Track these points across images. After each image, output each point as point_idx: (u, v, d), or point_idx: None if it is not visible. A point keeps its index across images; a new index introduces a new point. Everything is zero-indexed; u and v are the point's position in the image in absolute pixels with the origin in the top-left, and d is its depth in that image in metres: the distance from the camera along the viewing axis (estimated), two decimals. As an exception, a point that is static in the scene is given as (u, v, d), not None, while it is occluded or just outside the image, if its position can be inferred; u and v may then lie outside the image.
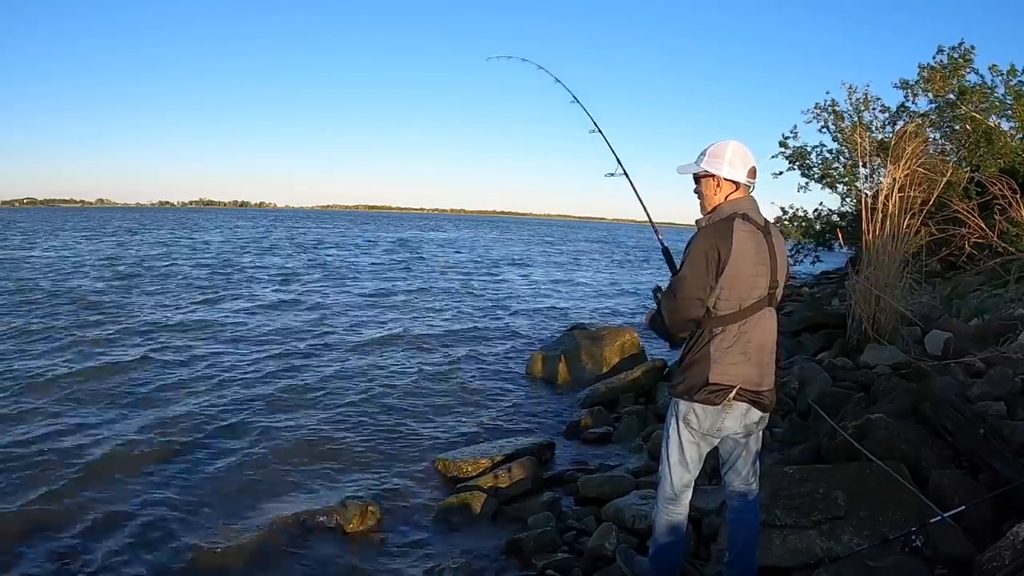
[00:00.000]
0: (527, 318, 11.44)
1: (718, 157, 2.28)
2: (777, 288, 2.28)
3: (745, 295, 2.20)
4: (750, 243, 2.19)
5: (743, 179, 2.27)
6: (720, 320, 2.21)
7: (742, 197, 2.28)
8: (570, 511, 3.81)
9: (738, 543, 2.45)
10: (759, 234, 2.23)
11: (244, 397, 5.99)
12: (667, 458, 2.41)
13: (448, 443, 5.06)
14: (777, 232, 2.34)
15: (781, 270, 2.30)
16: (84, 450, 4.58)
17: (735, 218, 2.20)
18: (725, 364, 2.20)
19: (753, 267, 2.19)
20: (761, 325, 2.25)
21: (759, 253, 2.21)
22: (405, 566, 3.33)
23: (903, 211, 5.81)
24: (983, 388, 3.93)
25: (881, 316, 5.69)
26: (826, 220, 13.62)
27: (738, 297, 2.19)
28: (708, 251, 2.17)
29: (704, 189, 2.33)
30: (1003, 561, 2.18)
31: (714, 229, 2.20)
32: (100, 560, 3.27)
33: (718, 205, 2.28)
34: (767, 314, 2.27)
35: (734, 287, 2.17)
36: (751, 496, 2.44)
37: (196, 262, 18.97)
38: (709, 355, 2.21)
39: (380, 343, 8.66)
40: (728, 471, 2.45)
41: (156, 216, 77.16)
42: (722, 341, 2.21)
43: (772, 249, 2.26)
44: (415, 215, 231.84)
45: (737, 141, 2.32)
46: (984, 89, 11.00)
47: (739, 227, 2.18)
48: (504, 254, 28.98)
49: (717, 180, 2.28)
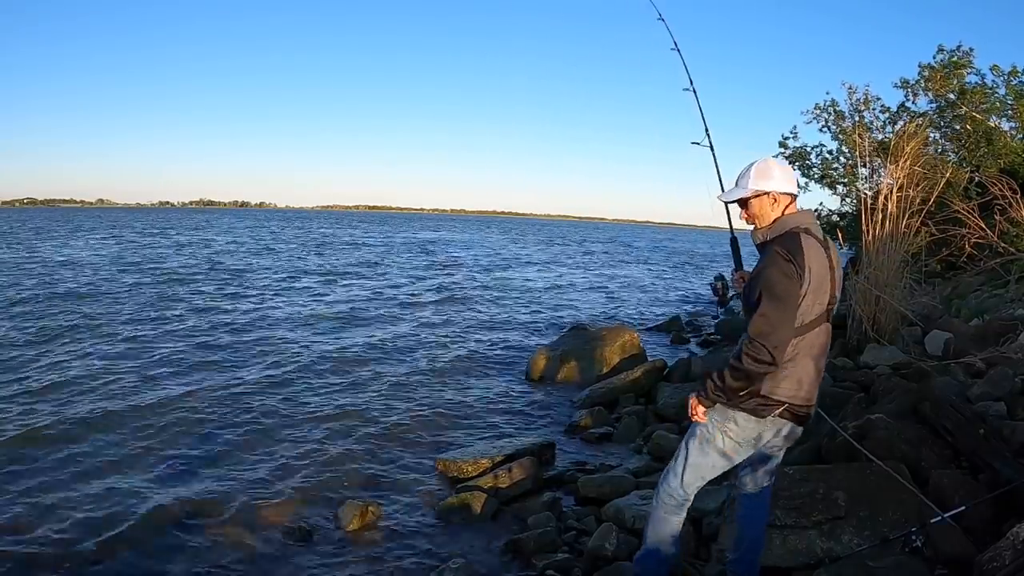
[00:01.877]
0: (528, 318, 11.45)
1: (765, 175, 2.24)
2: (835, 304, 2.24)
3: (808, 311, 2.13)
4: (818, 260, 2.14)
5: (795, 190, 2.26)
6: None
7: (801, 211, 2.26)
8: (570, 511, 3.82)
9: (745, 540, 2.44)
10: (823, 249, 2.18)
11: (244, 397, 5.99)
12: (685, 455, 2.31)
13: (448, 443, 5.06)
14: (833, 245, 2.30)
15: (838, 285, 2.25)
16: (83, 449, 4.59)
17: (800, 234, 2.14)
18: (778, 379, 2.14)
19: (819, 283, 2.13)
20: (818, 341, 2.20)
21: (825, 269, 2.17)
22: (405, 566, 3.33)
23: (903, 211, 5.81)
24: (983, 388, 3.93)
25: (881, 316, 5.69)
26: (826, 220, 13.60)
27: (801, 314, 2.12)
28: (790, 282, 2.07)
29: (758, 209, 2.26)
30: (1003, 561, 2.17)
31: (784, 250, 2.10)
32: (99, 559, 3.27)
33: (778, 219, 2.23)
34: (824, 330, 2.21)
35: (803, 304, 2.11)
36: (764, 495, 2.42)
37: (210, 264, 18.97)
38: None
39: (380, 343, 8.66)
40: (746, 475, 2.41)
41: (167, 217, 77.13)
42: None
43: (832, 263, 2.21)
44: (415, 215, 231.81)
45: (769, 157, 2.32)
46: (984, 89, 11.00)
47: (807, 243, 2.13)
48: (505, 254, 28.97)
49: (773, 196, 2.23)
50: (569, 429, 5.46)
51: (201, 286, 13.60)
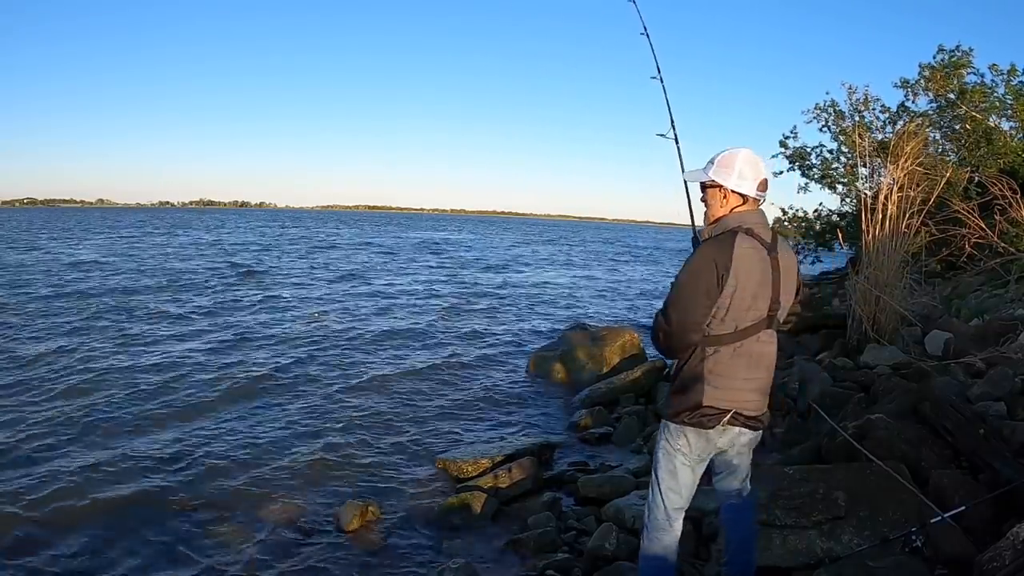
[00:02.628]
0: (528, 318, 11.45)
1: (727, 167, 2.14)
2: (779, 309, 2.15)
3: (742, 316, 2.06)
4: (752, 261, 2.05)
5: (752, 192, 2.13)
6: (715, 340, 2.08)
7: (749, 210, 2.14)
8: (570, 511, 3.82)
9: (734, 541, 2.42)
10: (763, 251, 2.09)
11: (243, 397, 5.99)
12: (658, 485, 2.25)
13: (448, 443, 5.06)
14: (786, 248, 2.20)
15: (786, 289, 2.16)
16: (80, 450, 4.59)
17: (738, 233, 2.06)
18: (719, 387, 2.08)
19: (754, 287, 2.06)
20: (759, 347, 2.12)
21: (762, 272, 2.08)
22: (405, 566, 3.34)
23: (903, 211, 5.81)
24: (983, 388, 3.93)
25: (881, 316, 5.69)
26: (826, 220, 13.59)
27: (734, 318, 2.06)
28: (705, 270, 2.03)
29: (710, 199, 2.19)
30: (1003, 561, 2.17)
31: (714, 244, 2.07)
32: (97, 558, 3.28)
33: (722, 217, 2.15)
34: (766, 336, 2.13)
35: (731, 307, 2.04)
36: (746, 494, 2.39)
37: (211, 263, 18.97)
38: (703, 377, 2.08)
39: (381, 343, 8.66)
40: (722, 480, 2.37)
41: (173, 216, 77.14)
42: (716, 363, 2.08)
43: (777, 267, 2.12)
44: (416, 215, 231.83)
45: (749, 150, 2.17)
46: (984, 89, 11.00)
47: (741, 243, 2.04)
48: (506, 254, 28.97)
49: (724, 191, 2.14)
50: (569, 429, 5.46)
51: (206, 282, 13.61)
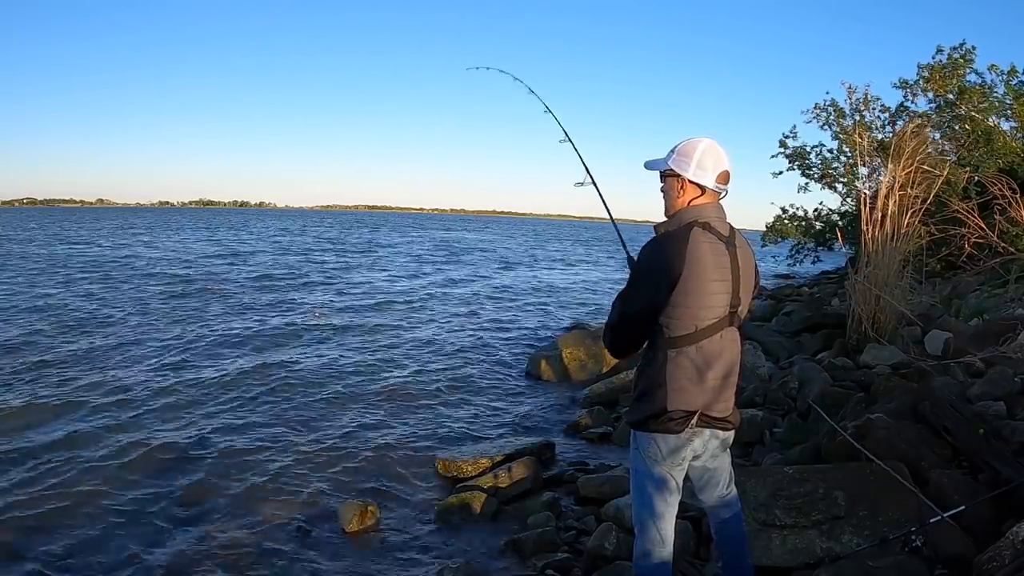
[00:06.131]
0: (529, 317, 11.44)
1: (686, 156, 2.05)
2: (740, 306, 2.07)
3: (701, 315, 1.97)
4: (708, 256, 1.96)
5: (710, 184, 2.03)
6: (674, 342, 1.99)
7: (707, 203, 2.05)
8: (570, 511, 3.82)
9: (727, 548, 2.34)
10: (720, 246, 2.00)
11: (243, 396, 5.98)
12: (640, 498, 2.13)
13: (448, 443, 5.06)
14: (744, 243, 2.11)
15: (746, 285, 2.08)
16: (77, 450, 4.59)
17: (694, 227, 1.98)
18: (682, 390, 2.00)
19: (710, 283, 1.97)
20: (720, 347, 2.03)
21: (719, 268, 1.99)
22: (405, 566, 3.33)
23: (903, 211, 5.82)
24: (983, 388, 3.93)
25: (881, 316, 5.69)
26: (826, 220, 13.63)
27: (693, 317, 1.97)
28: (657, 265, 1.97)
29: (668, 189, 2.10)
30: (1003, 561, 2.18)
31: (668, 239, 2.00)
32: (97, 558, 3.27)
33: (678, 211, 2.06)
34: (728, 334, 2.05)
35: (688, 305, 1.95)
36: (730, 499, 2.30)
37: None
38: (665, 381, 2.00)
39: (381, 342, 8.66)
40: (703, 490, 2.27)
41: (176, 216, 77.15)
42: (677, 366, 2.00)
43: (735, 262, 2.03)
44: (416, 215, 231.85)
45: (711, 140, 2.07)
46: (984, 89, 11.02)
47: (697, 238, 1.96)
48: (506, 254, 28.98)
49: (682, 182, 2.05)
50: (569, 429, 5.46)
51: (195, 287, 13.62)
